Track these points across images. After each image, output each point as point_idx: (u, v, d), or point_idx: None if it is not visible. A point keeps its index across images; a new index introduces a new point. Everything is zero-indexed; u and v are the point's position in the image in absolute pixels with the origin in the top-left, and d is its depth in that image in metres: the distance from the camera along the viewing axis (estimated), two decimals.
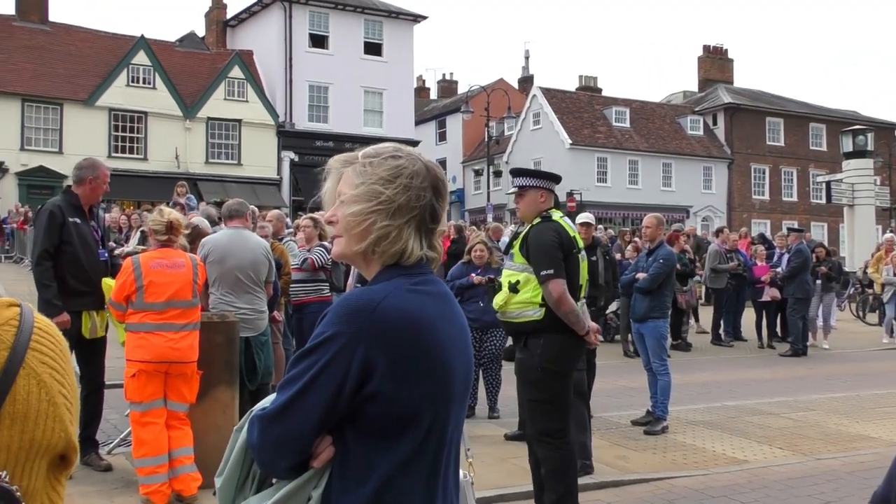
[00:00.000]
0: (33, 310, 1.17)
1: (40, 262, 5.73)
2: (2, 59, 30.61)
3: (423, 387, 1.61)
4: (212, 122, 33.31)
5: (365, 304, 1.60)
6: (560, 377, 4.87)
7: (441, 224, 1.76)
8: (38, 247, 5.76)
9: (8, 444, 1.07)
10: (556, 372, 4.85)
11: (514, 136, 44.42)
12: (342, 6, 35.99)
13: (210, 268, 6.12)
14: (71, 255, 5.77)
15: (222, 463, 1.73)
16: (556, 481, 4.86)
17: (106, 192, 6.15)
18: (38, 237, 5.80)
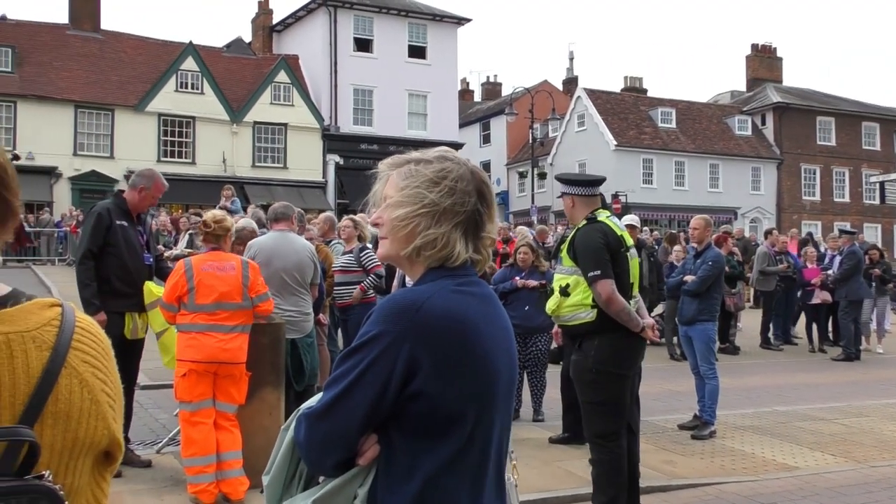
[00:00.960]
0: (75, 309, 1.18)
1: (83, 262, 5.86)
2: (56, 67, 31.36)
3: (466, 387, 1.62)
4: (258, 126, 33.73)
5: (410, 303, 1.61)
6: (615, 378, 4.83)
7: (488, 229, 1.77)
8: (83, 247, 5.90)
9: (51, 443, 1.09)
10: (610, 373, 4.81)
11: (558, 138, 44.20)
12: (386, 10, 36.18)
13: None
14: (116, 257, 5.89)
15: (269, 461, 1.75)
16: (607, 484, 4.83)
17: (153, 204, 6.26)
18: (84, 237, 5.94)
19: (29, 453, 1.05)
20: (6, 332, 1.09)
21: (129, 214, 6.06)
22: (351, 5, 35.51)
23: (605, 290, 4.73)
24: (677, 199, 41.17)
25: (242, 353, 5.29)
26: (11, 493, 1.01)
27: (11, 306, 1.12)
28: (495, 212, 1.81)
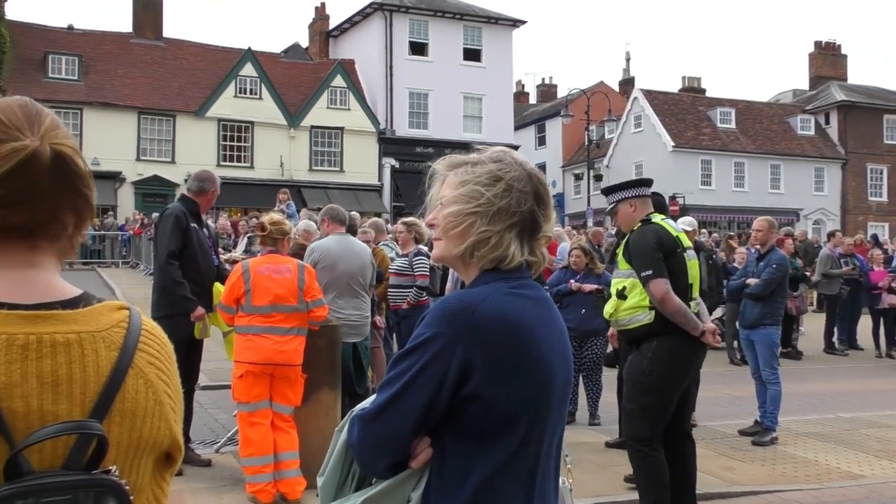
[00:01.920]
0: (141, 313, 1.22)
1: (169, 262, 5.93)
2: (120, 75, 32.20)
3: (520, 389, 1.61)
4: (315, 130, 34.13)
5: (464, 306, 1.60)
6: (667, 382, 4.75)
7: (544, 230, 1.75)
8: (166, 248, 5.95)
9: (118, 440, 1.12)
10: (664, 377, 4.73)
11: (614, 140, 43.77)
12: (441, 13, 36.30)
13: (321, 273, 6.19)
14: (191, 258, 6.01)
15: (324, 462, 1.76)
16: (649, 490, 4.75)
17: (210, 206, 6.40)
18: (165, 239, 5.99)
19: (97, 448, 1.07)
20: (78, 332, 1.12)
21: (199, 217, 6.19)
22: (406, 9, 35.71)
23: (659, 289, 4.65)
24: (737, 200, 40.41)
25: (298, 355, 5.34)
26: (80, 487, 1.04)
27: (83, 307, 1.16)
28: (552, 213, 1.79)
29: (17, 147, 1.11)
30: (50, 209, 1.15)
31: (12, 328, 1.08)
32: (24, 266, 1.15)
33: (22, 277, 1.14)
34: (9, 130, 1.14)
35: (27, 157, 1.11)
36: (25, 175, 1.11)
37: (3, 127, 1.14)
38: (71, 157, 1.16)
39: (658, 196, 7.38)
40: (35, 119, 1.17)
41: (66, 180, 1.16)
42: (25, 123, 1.15)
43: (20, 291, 1.13)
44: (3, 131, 1.14)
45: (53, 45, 31.84)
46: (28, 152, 1.11)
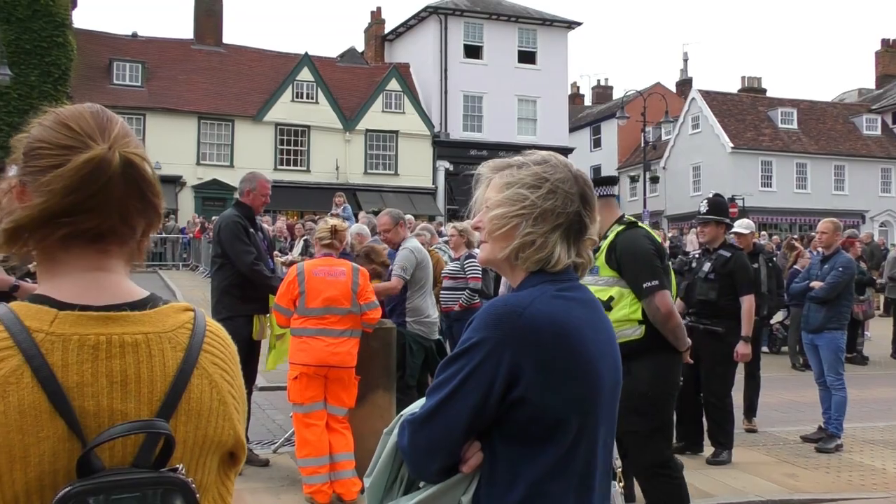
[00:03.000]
0: (205, 314, 1.24)
1: (255, 264, 5.99)
2: (181, 81, 32.91)
3: (570, 393, 1.59)
4: (370, 133, 34.40)
5: (511, 309, 1.60)
6: (668, 400, 4.45)
7: (590, 231, 1.74)
8: (244, 253, 5.97)
9: (184, 439, 1.14)
10: (664, 395, 4.39)
11: (671, 141, 43.19)
12: (496, 16, 36.27)
13: (421, 273, 6.48)
14: None
15: (371, 464, 1.77)
16: None
17: (265, 203, 6.41)
18: (238, 245, 6.01)
19: (164, 447, 1.10)
20: (146, 332, 1.15)
21: (253, 220, 6.27)
22: (461, 12, 35.78)
23: (666, 303, 4.22)
24: (799, 202, 39.50)
25: (351, 357, 5.36)
26: (148, 485, 1.06)
27: (150, 309, 1.18)
28: (597, 215, 1.77)
29: (89, 156, 1.13)
30: (120, 215, 1.17)
31: (84, 329, 1.11)
32: (94, 269, 1.17)
33: (93, 280, 1.17)
34: (80, 137, 1.16)
35: (98, 165, 1.13)
36: (96, 182, 1.13)
37: (74, 134, 1.16)
38: (140, 164, 1.18)
39: (719, 197, 7.26)
40: (106, 126, 1.19)
41: (136, 187, 1.18)
42: (97, 131, 1.17)
43: (91, 293, 1.15)
44: (75, 138, 1.16)
45: (118, 53, 32.68)
46: (99, 160, 1.13)
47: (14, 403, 1.04)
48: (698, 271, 6.78)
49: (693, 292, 6.77)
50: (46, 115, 1.22)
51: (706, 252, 6.87)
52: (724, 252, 6.79)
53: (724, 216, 6.94)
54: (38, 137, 1.18)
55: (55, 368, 1.07)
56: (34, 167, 1.16)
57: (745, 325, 6.68)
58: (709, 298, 6.65)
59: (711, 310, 6.67)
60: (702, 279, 6.72)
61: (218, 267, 6.20)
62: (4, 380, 1.05)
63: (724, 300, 6.66)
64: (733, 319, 6.67)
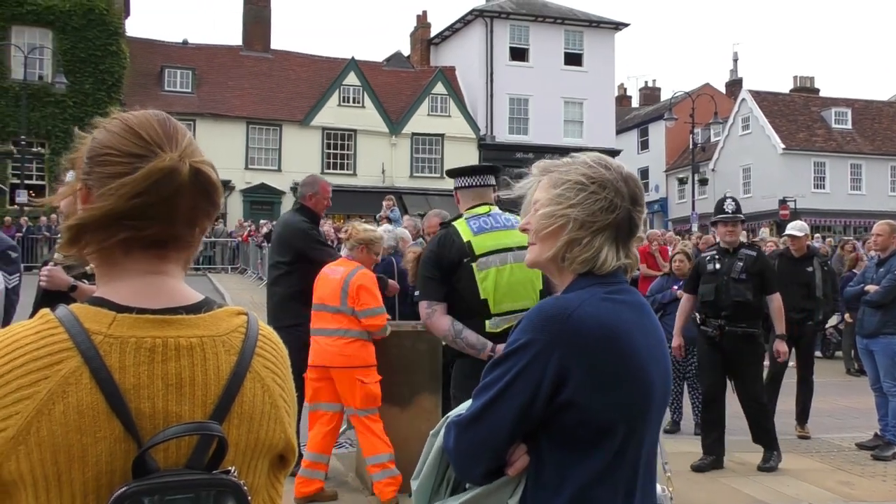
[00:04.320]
0: (258, 318, 1.25)
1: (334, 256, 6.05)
2: (231, 87, 33.41)
3: (618, 397, 1.57)
4: (416, 137, 34.53)
5: (559, 311, 1.58)
6: None
7: (637, 233, 1.73)
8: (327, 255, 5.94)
9: (236, 441, 1.15)
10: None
11: (720, 143, 42.57)
12: (542, 18, 36.16)
13: None
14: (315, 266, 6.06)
15: (418, 466, 1.77)
16: None
17: (328, 206, 6.42)
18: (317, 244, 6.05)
19: (217, 449, 1.11)
20: (201, 336, 1.16)
21: (318, 224, 6.30)
22: (507, 15, 35.74)
23: (422, 314, 3.88)
24: (853, 204, 38.64)
25: (343, 358, 5.20)
26: (202, 486, 1.07)
27: (205, 312, 1.20)
28: (643, 216, 1.76)
29: (161, 165, 1.14)
30: (187, 223, 1.19)
31: (141, 332, 1.13)
32: (152, 272, 1.19)
33: (150, 283, 1.19)
34: (149, 147, 1.17)
35: (169, 174, 1.15)
36: (165, 190, 1.14)
37: (143, 143, 1.17)
38: (209, 174, 1.20)
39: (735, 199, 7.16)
40: (173, 135, 1.20)
41: (205, 197, 1.19)
42: (164, 139, 1.19)
43: (148, 297, 1.17)
44: (144, 147, 1.17)
45: (169, 60, 33.31)
46: (170, 169, 1.15)
47: (73, 404, 1.06)
48: (726, 272, 6.52)
49: (724, 294, 6.50)
50: (113, 121, 1.22)
51: (726, 252, 6.67)
52: (750, 251, 6.62)
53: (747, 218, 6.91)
54: (106, 143, 1.19)
55: (113, 370, 1.09)
56: (100, 173, 1.18)
57: (778, 322, 6.56)
58: (746, 299, 6.44)
59: (746, 311, 6.47)
60: (735, 280, 6.47)
61: (284, 273, 6.11)
62: (64, 380, 1.07)
63: (756, 300, 6.52)
64: (761, 319, 6.57)
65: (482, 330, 3.71)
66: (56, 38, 29.13)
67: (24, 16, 28.74)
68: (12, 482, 1.06)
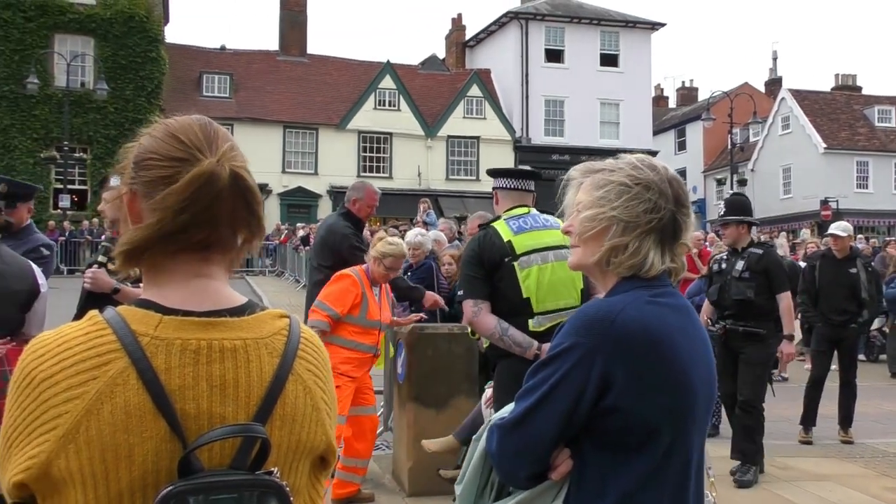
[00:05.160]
0: (300, 321, 1.27)
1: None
2: (268, 91, 33.74)
3: (663, 401, 1.56)
4: (451, 139, 34.58)
5: (603, 315, 1.57)
6: None
7: (684, 237, 1.70)
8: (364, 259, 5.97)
9: (279, 443, 1.17)
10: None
11: (759, 143, 42.01)
12: (577, 19, 36.01)
13: None
14: None
15: (462, 470, 1.78)
16: None
17: (371, 213, 6.42)
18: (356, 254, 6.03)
19: (261, 451, 1.13)
20: (244, 338, 1.18)
21: (360, 229, 6.33)
22: (542, 17, 35.66)
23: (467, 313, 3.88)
24: None
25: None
26: (245, 487, 1.09)
27: (248, 315, 1.21)
28: (692, 220, 1.74)
29: (200, 170, 1.17)
30: (228, 227, 1.21)
31: (186, 334, 1.15)
32: (197, 276, 1.21)
33: (195, 286, 1.21)
34: (189, 150, 1.19)
35: (209, 179, 1.17)
36: (208, 196, 1.17)
37: (184, 146, 1.20)
38: (247, 177, 1.22)
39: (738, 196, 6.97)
40: (213, 139, 1.22)
41: (243, 199, 1.21)
42: (205, 143, 1.21)
43: (194, 299, 1.19)
44: (185, 150, 1.19)
45: (207, 65, 33.74)
46: (209, 174, 1.17)
47: (120, 404, 1.08)
48: (730, 271, 6.37)
49: (726, 294, 6.36)
50: (156, 126, 1.25)
51: (735, 252, 6.51)
52: (756, 249, 6.39)
53: (746, 214, 6.53)
54: (149, 148, 1.22)
55: (159, 371, 1.11)
56: (144, 177, 1.21)
57: (786, 322, 6.26)
58: (746, 298, 6.22)
59: (749, 310, 6.24)
60: (736, 279, 6.29)
61: (325, 277, 6.02)
62: (112, 381, 1.09)
63: (761, 299, 6.24)
64: (772, 320, 6.28)
65: (525, 329, 3.73)
66: (97, 45, 29.67)
67: (66, 24, 29.32)
68: (62, 480, 1.08)
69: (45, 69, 28.40)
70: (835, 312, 7.50)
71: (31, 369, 1.11)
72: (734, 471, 6.11)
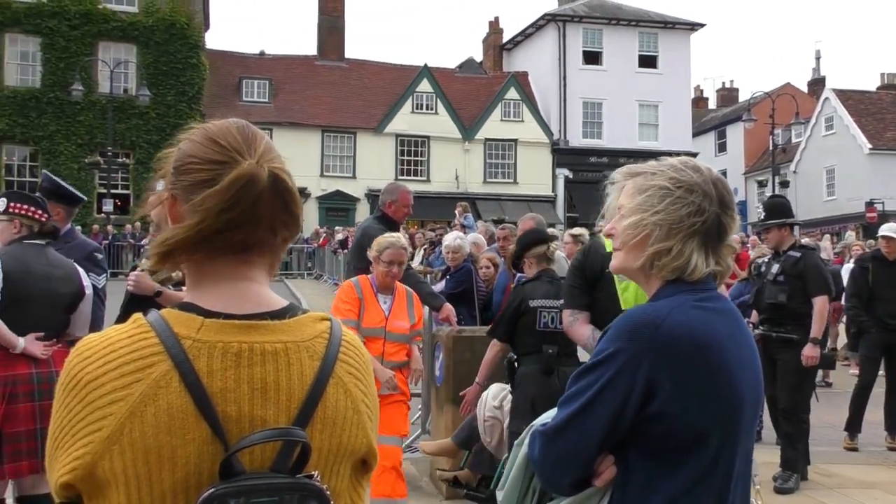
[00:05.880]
0: (341, 324, 1.27)
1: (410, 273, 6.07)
2: (306, 96, 34.03)
3: (709, 408, 1.54)
4: (489, 142, 34.56)
5: (648, 320, 1.55)
6: None
7: (729, 239, 1.68)
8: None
9: (319, 446, 1.17)
10: None
11: (802, 143, 41.33)
12: (616, 21, 35.79)
13: None
14: None
15: (504, 476, 1.76)
16: None
17: (407, 214, 6.44)
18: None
19: (301, 454, 1.13)
20: (285, 342, 1.18)
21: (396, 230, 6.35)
22: (580, 19, 35.50)
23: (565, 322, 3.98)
24: None
25: None
26: (286, 490, 1.09)
27: (289, 318, 1.22)
28: (737, 221, 1.71)
29: (240, 172, 1.17)
30: (268, 228, 1.22)
31: (228, 337, 1.15)
32: (238, 279, 1.22)
33: (236, 289, 1.22)
34: (228, 153, 1.20)
35: (249, 181, 1.18)
36: (248, 198, 1.18)
37: (222, 149, 1.21)
38: (286, 178, 1.23)
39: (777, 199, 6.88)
40: (251, 141, 1.23)
41: (283, 200, 1.22)
42: (243, 146, 1.22)
43: (235, 302, 1.20)
44: (224, 153, 1.20)
45: (247, 71, 34.12)
46: (249, 176, 1.18)
47: (163, 406, 1.10)
48: (767, 274, 6.28)
49: (762, 297, 6.27)
50: (195, 131, 1.26)
51: (777, 255, 6.36)
52: (794, 252, 6.25)
53: (787, 216, 6.39)
54: (189, 153, 1.23)
55: (201, 374, 1.12)
56: (184, 181, 1.22)
57: (815, 326, 6.06)
58: (778, 301, 6.10)
59: (782, 314, 6.12)
60: (770, 282, 6.19)
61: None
62: (155, 383, 1.10)
63: (796, 303, 6.09)
64: (808, 326, 6.10)
65: None
66: (140, 52, 30.16)
67: (110, 32, 29.84)
68: (107, 481, 1.10)
69: (90, 76, 28.93)
70: (890, 317, 7.31)
71: (77, 371, 1.13)
72: (776, 477, 6.02)
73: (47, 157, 28.83)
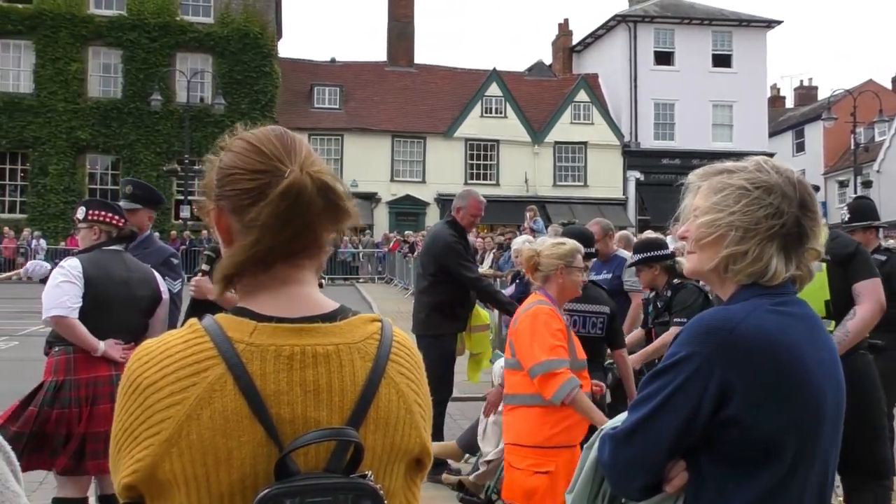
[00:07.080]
0: (392, 325, 1.28)
1: (479, 279, 6.22)
2: (376, 101, 34.39)
3: (786, 415, 1.49)
4: (559, 145, 34.34)
5: (722, 323, 1.51)
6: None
7: (812, 242, 1.61)
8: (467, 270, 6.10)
9: (373, 446, 1.18)
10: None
11: (886, 142, 39.89)
12: (688, 20, 35.18)
13: None
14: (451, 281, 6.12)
15: (573, 479, 1.75)
16: None
17: (476, 222, 6.43)
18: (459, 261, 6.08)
19: (354, 454, 1.14)
20: (337, 344, 1.20)
21: (465, 237, 6.37)
22: (651, 19, 35.02)
23: None
24: None
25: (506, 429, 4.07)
26: (340, 489, 1.11)
27: (340, 320, 1.23)
28: (820, 224, 1.64)
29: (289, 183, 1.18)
30: (315, 233, 1.23)
31: (280, 340, 1.17)
32: (289, 283, 1.24)
33: (288, 293, 1.23)
34: (270, 161, 1.22)
35: (299, 192, 1.19)
36: (300, 207, 1.19)
37: (264, 158, 1.22)
38: (332, 184, 1.23)
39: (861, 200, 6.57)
40: (291, 148, 1.24)
41: (331, 206, 1.23)
42: (284, 153, 1.23)
43: (286, 306, 1.22)
44: (265, 162, 1.22)
45: (318, 78, 34.65)
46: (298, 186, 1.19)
47: (219, 409, 1.12)
48: None
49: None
50: (234, 141, 1.28)
51: None
52: (879, 255, 5.99)
53: (873, 218, 6.10)
54: (230, 164, 1.25)
55: (254, 377, 1.14)
56: (229, 192, 1.24)
57: None
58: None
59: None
60: None
61: (429, 284, 6.23)
62: (210, 387, 1.13)
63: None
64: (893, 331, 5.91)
65: None
66: (215, 62, 30.93)
67: (187, 42, 30.70)
68: (167, 482, 1.12)
69: (168, 86, 29.78)
70: None
71: (136, 376, 1.16)
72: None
73: (128, 166, 29.78)
